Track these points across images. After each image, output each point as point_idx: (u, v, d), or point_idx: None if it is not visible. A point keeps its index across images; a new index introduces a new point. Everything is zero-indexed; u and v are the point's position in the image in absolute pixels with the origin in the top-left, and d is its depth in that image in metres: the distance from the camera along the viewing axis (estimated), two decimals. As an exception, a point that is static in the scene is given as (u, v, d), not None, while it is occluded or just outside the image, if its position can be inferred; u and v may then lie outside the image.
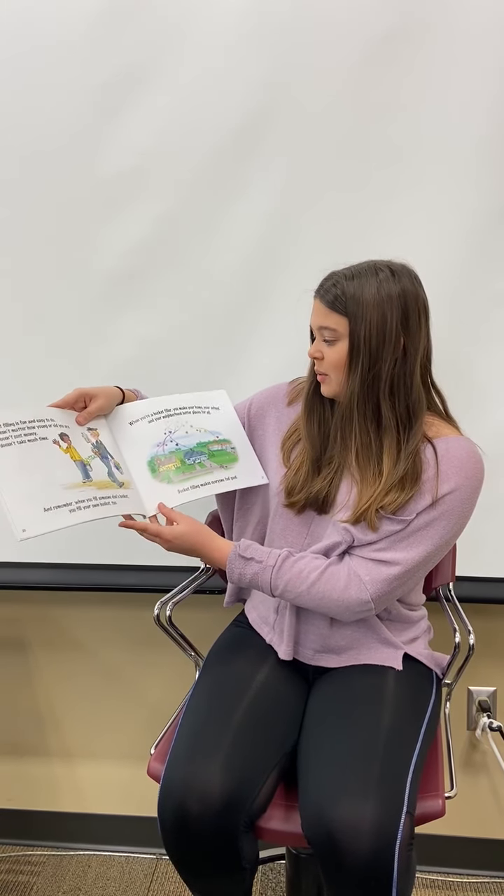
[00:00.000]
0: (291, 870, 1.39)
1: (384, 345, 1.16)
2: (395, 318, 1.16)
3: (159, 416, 1.35)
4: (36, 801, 1.95)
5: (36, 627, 1.86)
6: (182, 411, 1.37)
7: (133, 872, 1.87)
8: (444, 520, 1.19)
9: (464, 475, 1.19)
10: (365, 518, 1.19)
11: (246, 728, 1.18)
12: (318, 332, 1.22)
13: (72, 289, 1.61)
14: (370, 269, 1.18)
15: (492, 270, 1.51)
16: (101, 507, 1.20)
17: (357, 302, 1.16)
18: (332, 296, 1.18)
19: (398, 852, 1.02)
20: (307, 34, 1.46)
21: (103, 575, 1.72)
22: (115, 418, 1.33)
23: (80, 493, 1.19)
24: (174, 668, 1.81)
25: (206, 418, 1.38)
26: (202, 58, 1.49)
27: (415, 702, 1.24)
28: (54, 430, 1.24)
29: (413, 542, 1.19)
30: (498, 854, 1.82)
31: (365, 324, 1.15)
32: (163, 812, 1.12)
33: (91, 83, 1.52)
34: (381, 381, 1.18)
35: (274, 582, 1.22)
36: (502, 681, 1.77)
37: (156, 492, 1.27)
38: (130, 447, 1.30)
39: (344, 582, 1.19)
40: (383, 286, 1.16)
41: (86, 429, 1.28)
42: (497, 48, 1.43)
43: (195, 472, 1.31)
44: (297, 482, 1.29)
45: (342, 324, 1.18)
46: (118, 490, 1.24)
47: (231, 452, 1.36)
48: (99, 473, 1.24)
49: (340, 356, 1.19)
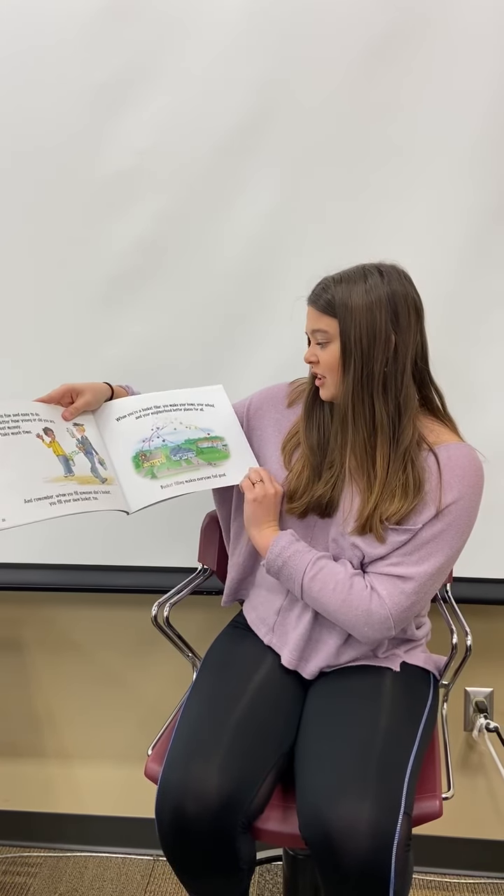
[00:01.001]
0: (288, 871, 1.39)
1: (375, 344, 1.18)
2: (385, 317, 1.17)
3: (147, 412, 1.35)
4: (33, 802, 1.94)
5: (33, 628, 1.85)
6: (172, 408, 1.37)
7: (130, 873, 1.86)
8: (451, 531, 1.20)
9: (466, 484, 1.20)
10: (370, 528, 1.20)
11: (243, 729, 1.18)
12: (312, 336, 1.25)
13: (71, 288, 1.61)
14: (359, 272, 1.21)
15: (490, 270, 1.51)
16: (82, 502, 1.20)
17: (346, 304, 1.18)
18: (323, 300, 1.21)
19: (395, 853, 1.02)
20: (306, 33, 1.47)
21: (101, 576, 1.72)
22: (102, 414, 1.33)
23: (62, 486, 1.19)
24: (171, 669, 1.81)
25: (197, 415, 1.38)
26: (201, 57, 1.50)
27: (412, 703, 1.25)
28: (38, 425, 1.24)
29: (423, 555, 1.20)
30: (495, 855, 1.82)
31: (355, 324, 1.18)
32: (160, 813, 1.12)
33: (90, 82, 1.53)
34: (374, 380, 1.19)
35: (308, 570, 1.22)
36: (499, 682, 1.77)
37: (138, 487, 1.26)
38: (116, 442, 1.30)
39: (368, 594, 1.20)
40: (372, 288, 1.18)
41: (72, 424, 1.28)
42: (496, 48, 1.43)
43: (181, 468, 1.30)
44: (298, 486, 1.29)
45: (333, 325, 1.20)
46: (100, 486, 1.24)
47: (222, 450, 1.35)
48: (81, 469, 1.24)
49: (333, 357, 1.21)
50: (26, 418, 1.24)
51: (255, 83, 1.50)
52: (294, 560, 1.24)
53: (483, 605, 1.65)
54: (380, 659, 1.29)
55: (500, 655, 1.75)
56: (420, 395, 1.26)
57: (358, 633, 1.22)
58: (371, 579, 1.21)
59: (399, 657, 1.30)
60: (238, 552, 1.43)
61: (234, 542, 1.44)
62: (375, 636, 1.21)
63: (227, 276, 1.58)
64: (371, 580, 1.21)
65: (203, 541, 1.53)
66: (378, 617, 1.19)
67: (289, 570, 1.24)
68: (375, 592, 1.20)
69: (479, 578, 1.63)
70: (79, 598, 1.81)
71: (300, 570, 1.23)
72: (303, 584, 1.23)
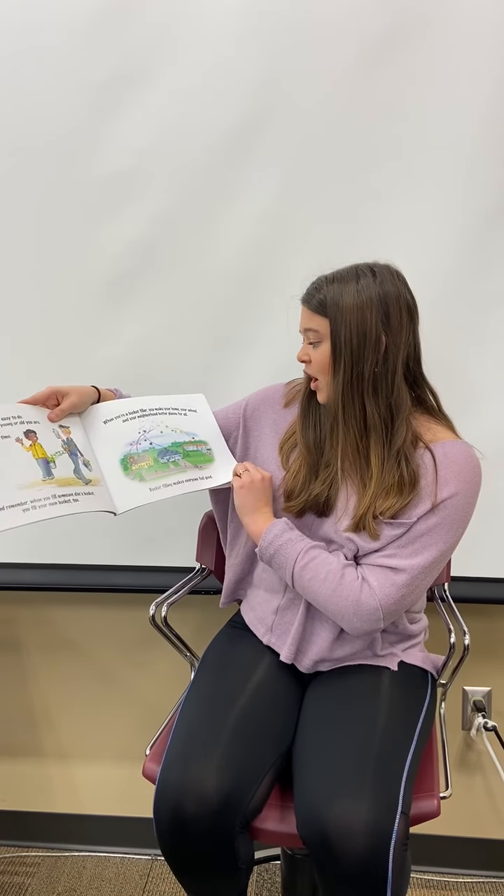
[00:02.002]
0: (286, 870, 1.39)
1: (365, 345, 1.18)
2: (376, 318, 1.18)
3: (134, 415, 1.35)
4: (31, 801, 1.94)
5: (31, 628, 1.85)
6: (158, 412, 1.37)
7: (128, 873, 1.86)
8: (446, 525, 1.20)
9: (463, 479, 1.20)
10: (364, 525, 1.20)
11: (241, 729, 1.18)
12: (304, 335, 1.25)
13: (68, 289, 1.61)
14: (352, 272, 1.21)
15: (489, 271, 1.51)
16: (60, 506, 1.19)
17: (337, 303, 1.19)
18: (315, 300, 1.21)
19: (393, 852, 1.02)
20: (304, 34, 1.47)
21: (98, 575, 1.72)
22: (89, 416, 1.33)
23: (37, 492, 1.18)
24: (169, 669, 1.81)
25: (182, 419, 1.38)
26: (199, 57, 1.50)
27: (410, 702, 1.25)
28: (19, 428, 1.24)
29: (417, 548, 1.20)
30: (493, 854, 1.82)
31: (345, 324, 1.18)
32: (158, 813, 1.12)
33: (88, 82, 1.52)
34: (364, 380, 1.19)
35: (300, 559, 1.22)
36: (497, 681, 1.77)
37: (127, 489, 1.27)
38: (103, 445, 1.30)
39: (358, 585, 1.20)
40: (364, 288, 1.18)
41: (57, 426, 1.28)
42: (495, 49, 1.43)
43: (169, 470, 1.30)
44: (296, 486, 1.29)
45: (324, 325, 1.20)
46: (83, 487, 1.23)
47: (207, 454, 1.36)
48: (63, 471, 1.23)
49: (325, 357, 1.22)
50: (6, 422, 1.23)
51: (253, 83, 1.49)
52: (286, 548, 1.24)
53: (481, 604, 1.65)
54: (378, 658, 1.29)
55: (498, 655, 1.75)
56: (413, 394, 1.26)
57: (347, 623, 1.21)
58: (363, 570, 1.21)
59: (397, 656, 1.30)
60: (235, 553, 1.43)
61: (231, 544, 1.44)
62: (365, 627, 1.21)
63: (225, 277, 1.58)
64: (363, 571, 1.21)
65: (201, 540, 1.53)
66: (367, 608, 1.19)
67: (280, 558, 1.25)
68: (366, 583, 1.20)
69: (478, 578, 1.63)
70: (76, 598, 1.81)
71: (292, 558, 1.23)
72: (293, 573, 1.23)
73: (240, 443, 1.40)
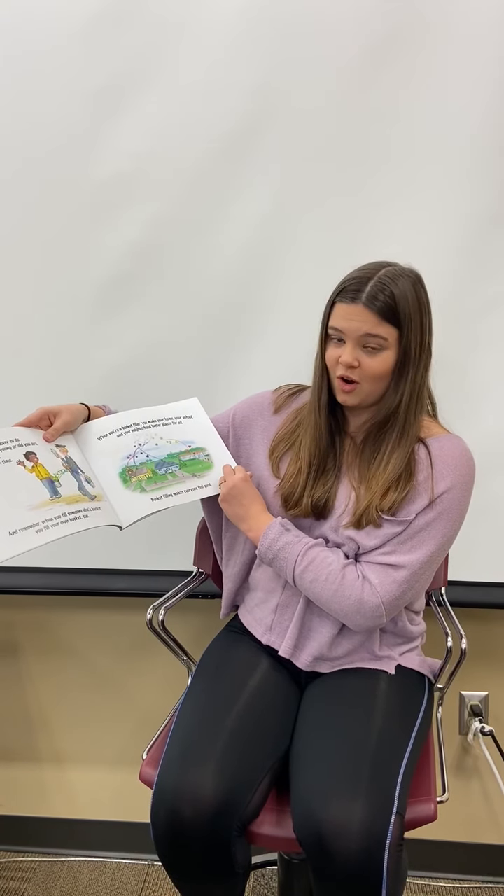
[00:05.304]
0: (283, 875, 1.39)
1: (423, 352, 1.20)
2: (429, 323, 1.20)
3: (128, 430, 1.35)
4: (27, 806, 1.94)
5: (28, 632, 1.85)
6: (151, 424, 1.37)
7: (124, 878, 1.86)
8: (444, 519, 1.21)
9: (458, 473, 1.21)
10: (366, 519, 1.21)
11: (238, 733, 1.18)
12: (360, 339, 1.17)
13: (69, 292, 1.61)
14: (401, 273, 1.18)
15: (488, 272, 1.52)
16: (72, 523, 1.19)
17: (406, 312, 1.16)
18: (382, 303, 1.15)
19: (387, 853, 1.02)
20: (303, 37, 1.47)
21: (96, 579, 1.71)
22: (81, 434, 1.33)
23: (47, 511, 1.18)
24: (166, 673, 1.80)
25: (177, 429, 1.38)
26: (198, 60, 1.50)
27: (406, 705, 1.25)
28: (18, 451, 1.23)
29: (416, 543, 1.21)
30: (490, 859, 1.82)
31: (414, 333, 1.17)
32: (155, 817, 1.12)
33: (86, 87, 1.53)
34: (424, 388, 1.22)
35: (299, 562, 1.23)
36: (494, 685, 1.77)
37: (129, 501, 1.27)
38: (100, 460, 1.31)
39: (360, 584, 1.20)
40: (414, 292, 1.18)
41: (54, 445, 1.28)
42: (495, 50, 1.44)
43: (167, 481, 1.31)
44: (294, 491, 1.29)
45: (393, 335, 1.17)
46: (90, 503, 1.24)
47: (205, 460, 1.36)
48: (69, 489, 1.24)
49: (385, 366, 1.18)
50: (4, 446, 1.22)
51: (252, 86, 1.50)
52: (284, 552, 1.24)
53: (478, 608, 1.66)
54: (375, 661, 1.29)
55: (496, 659, 1.75)
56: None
57: (350, 621, 1.22)
58: (363, 568, 1.22)
59: (394, 660, 1.30)
60: (233, 563, 1.43)
61: (227, 554, 1.44)
62: (367, 624, 1.22)
63: (225, 279, 1.58)
64: (363, 569, 1.22)
65: (198, 545, 1.53)
66: (370, 606, 1.19)
67: (280, 561, 1.25)
68: (367, 581, 1.20)
69: (475, 582, 1.63)
70: (74, 602, 1.81)
71: (291, 561, 1.24)
72: (294, 576, 1.24)
73: (230, 453, 1.40)
